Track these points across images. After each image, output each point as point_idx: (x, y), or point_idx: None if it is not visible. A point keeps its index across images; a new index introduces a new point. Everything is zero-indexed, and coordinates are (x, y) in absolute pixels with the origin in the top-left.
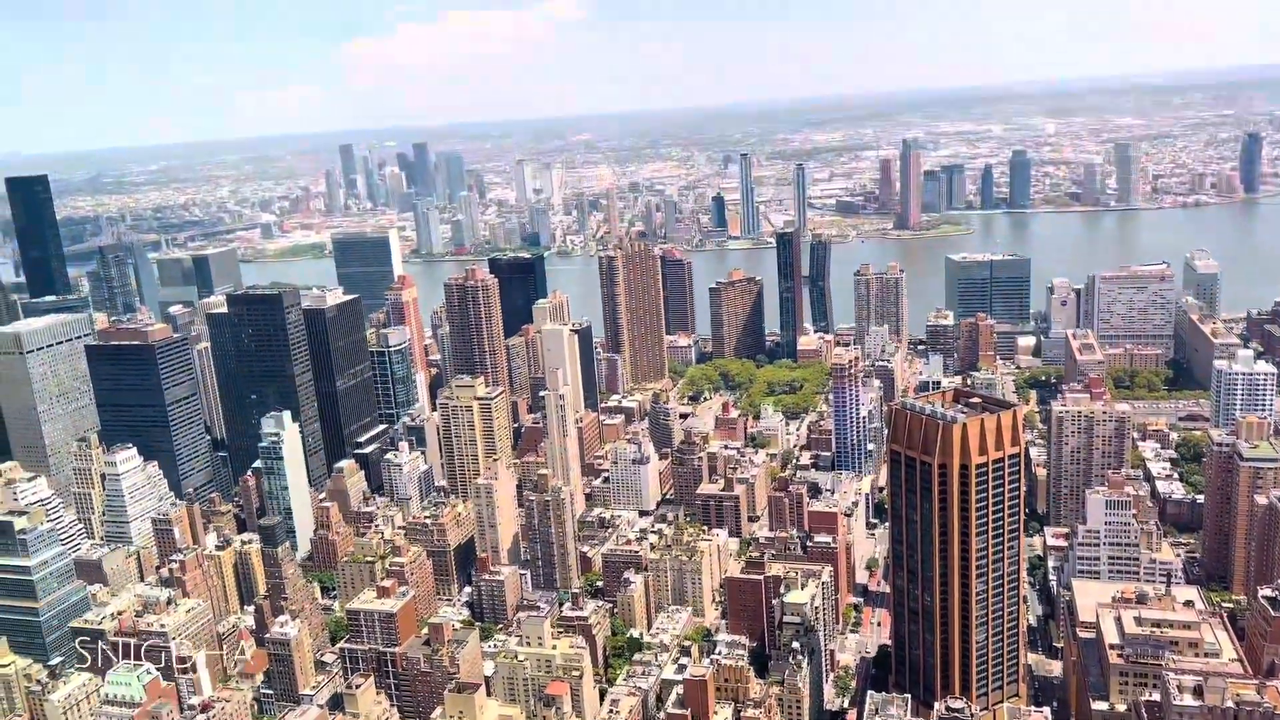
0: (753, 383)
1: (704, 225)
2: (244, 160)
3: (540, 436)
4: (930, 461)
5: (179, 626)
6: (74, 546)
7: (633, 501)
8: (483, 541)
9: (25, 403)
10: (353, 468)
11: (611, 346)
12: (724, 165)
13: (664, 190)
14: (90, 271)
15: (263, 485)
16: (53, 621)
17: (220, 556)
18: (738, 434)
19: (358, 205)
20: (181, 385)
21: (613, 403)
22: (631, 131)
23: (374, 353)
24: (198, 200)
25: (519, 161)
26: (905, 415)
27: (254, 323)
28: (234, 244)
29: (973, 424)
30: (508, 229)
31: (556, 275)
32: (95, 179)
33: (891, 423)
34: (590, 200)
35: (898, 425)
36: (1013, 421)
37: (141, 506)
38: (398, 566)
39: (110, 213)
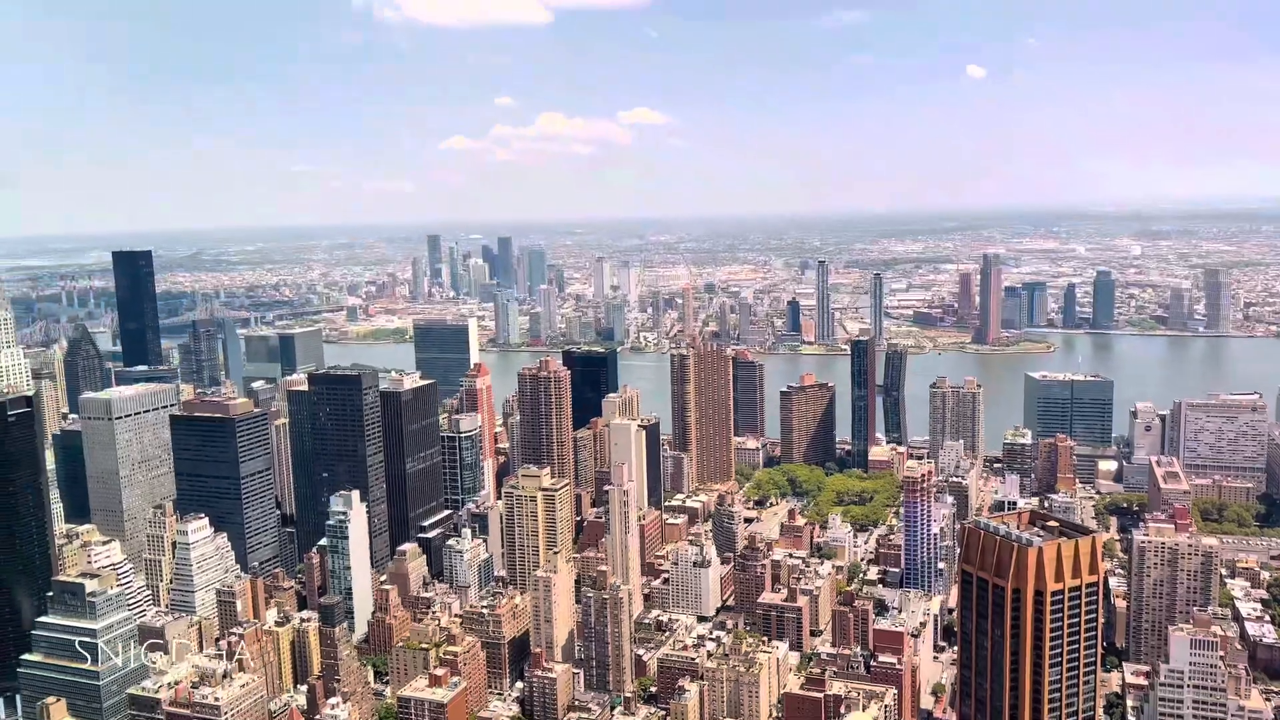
0: (821, 491)
1: (778, 329)
2: (336, 245)
3: (602, 532)
4: (1004, 585)
5: (232, 701)
6: (140, 612)
7: (692, 606)
8: (538, 636)
9: (108, 467)
10: (415, 551)
11: (679, 445)
12: (801, 271)
13: (740, 292)
14: (182, 344)
15: (326, 563)
16: (111, 687)
17: (279, 633)
18: (803, 543)
19: (441, 293)
20: (257, 459)
21: (677, 502)
22: (710, 234)
23: (445, 437)
24: (289, 281)
25: (598, 259)
26: (979, 535)
27: (332, 401)
28: (320, 325)
29: (1049, 548)
30: (583, 323)
31: (628, 370)
32: (195, 256)
33: (964, 542)
34: (666, 299)
35: (970, 545)
36: (1092, 548)
37: (208, 577)
38: (451, 656)
39: (206, 289)
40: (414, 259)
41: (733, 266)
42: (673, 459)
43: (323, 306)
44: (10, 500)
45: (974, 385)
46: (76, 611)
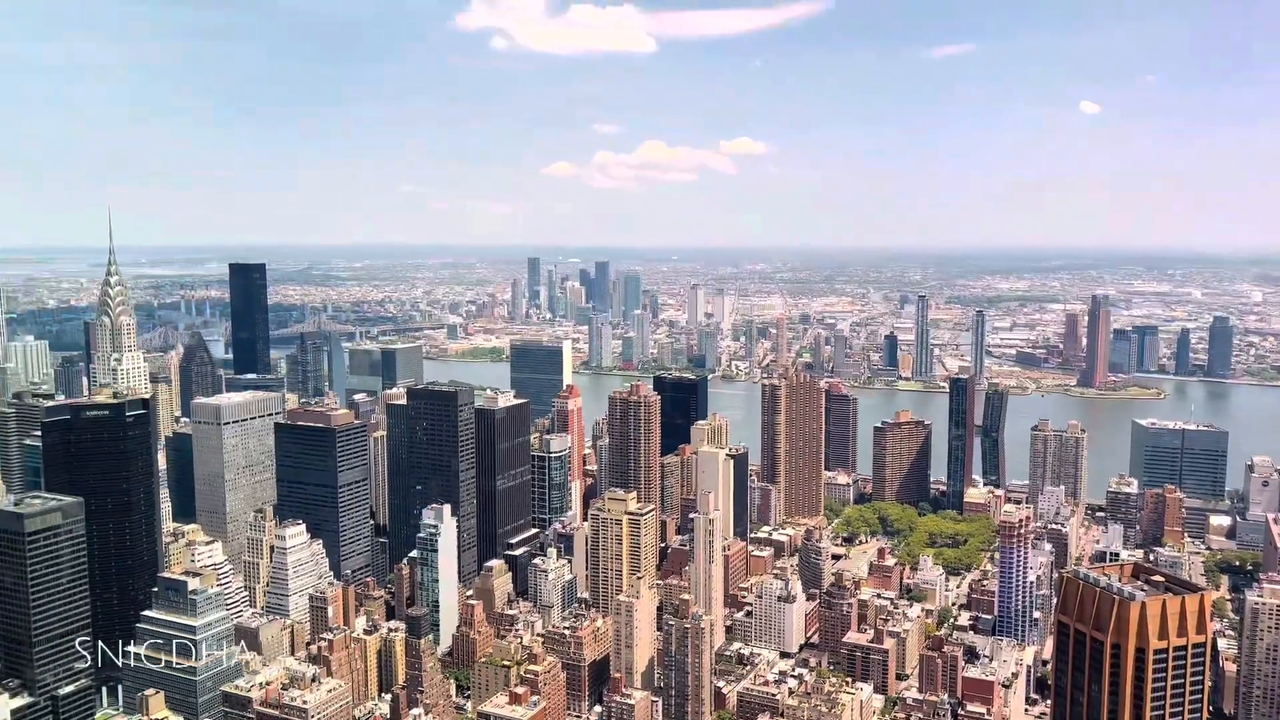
0: (913, 531)
1: (874, 363)
2: (440, 265)
3: (686, 560)
4: (1103, 640)
5: (319, 705)
6: (237, 612)
7: (774, 640)
8: (618, 661)
9: (215, 470)
10: (501, 568)
11: (767, 476)
12: (900, 305)
13: (836, 324)
14: (289, 355)
15: (415, 575)
16: (207, 683)
17: (366, 641)
18: (892, 583)
19: (538, 315)
20: (355, 469)
21: (763, 534)
22: (807, 264)
23: (535, 457)
24: (393, 297)
25: (694, 285)
26: (1078, 586)
27: (429, 416)
28: (420, 341)
29: (1153, 604)
30: (675, 349)
31: (718, 398)
32: (306, 270)
33: (1062, 592)
34: (760, 328)
35: (1069, 596)
36: (1200, 606)
37: (302, 582)
38: (532, 674)
39: (315, 303)
40: (513, 280)
41: (829, 298)
42: (760, 490)
43: (424, 324)
44: (124, 497)
45: (1078, 429)
46: (179, 608)
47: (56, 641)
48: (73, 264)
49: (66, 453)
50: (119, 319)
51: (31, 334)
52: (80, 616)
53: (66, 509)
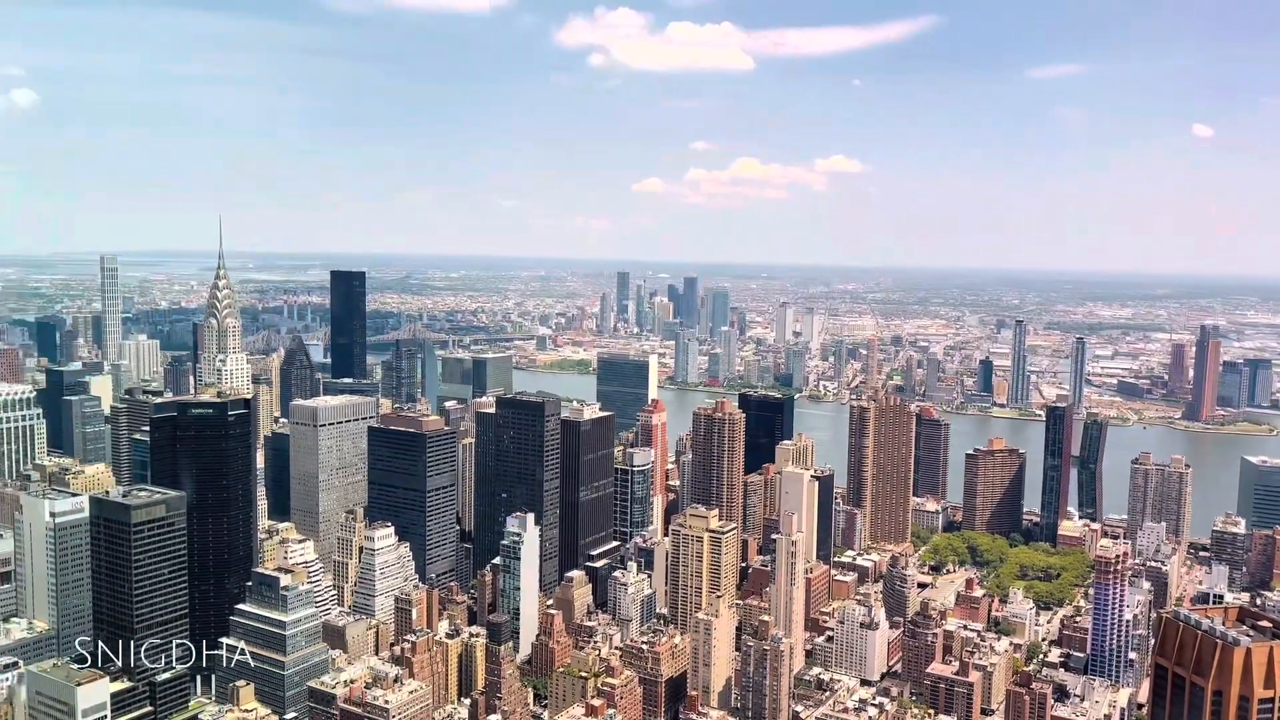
0: (1003, 562)
1: (967, 388)
2: (532, 278)
3: (766, 580)
4: (1204, 686)
5: (400, 706)
6: (325, 610)
7: (855, 667)
8: (695, 679)
9: (310, 471)
10: (581, 579)
11: (853, 499)
12: (996, 329)
13: (928, 347)
14: (385, 361)
15: (498, 582)
16: (295, 678)
17: (448, 645)
18: (980, 615)
19: (626, 329)
20: (443, 475)
21: (847, 558)
22: (901, 285)
23: (618, 470)
24: (486, 308)
25: (783, 304)
26: (1177, 627)
27: (516, 426)
28: (511, 351)
29: (1259, 650)
30: (762, 367)
31: (804, 418)
32: (404, 279)
33: (1160, 633)
34: (849, 348)
35: (1168, 637)
36: None
37: (388, 583)
38: (609, 688)
39: (411, 311)
40: (603, 294)
41: (923, 320)
42: (845, 514)
43: (515, 334)
44: (223, 493)
45: (1182, 464)
46: (271, 603)
47: (156, 630)
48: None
49: (172, 448)
50: (225, 321)
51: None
52: (179, 607)
53: (170, 502)
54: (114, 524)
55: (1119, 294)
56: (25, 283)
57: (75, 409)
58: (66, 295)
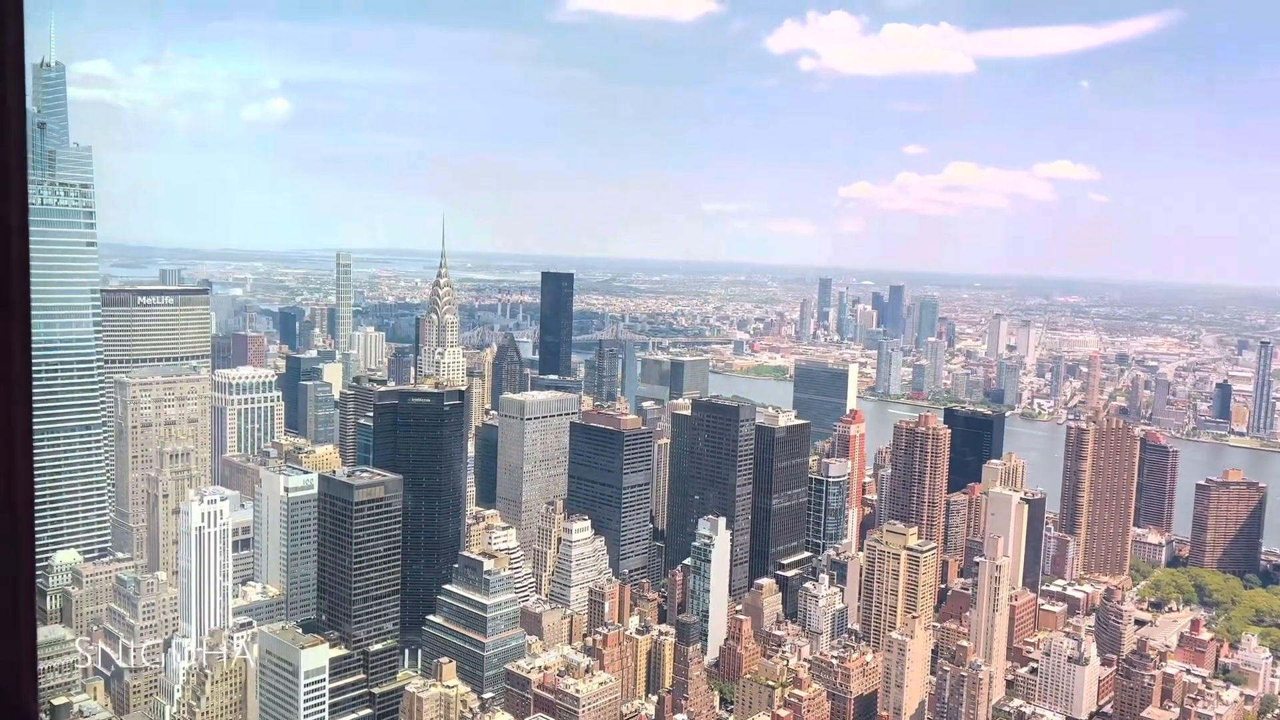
0: (1235, 604)
1: (1200, 413)
2: (733, 282)
3: (967, 605)
4: None
5: (590, 695)
6: (524, 596)
7: (1061, 704)
8: (886, 699)
9: (515, 462)
10: (772, 587)
11: (1065, 526)
12: (1237, 351)
13: (1157, 367)
14: (588, 360)
15: (688, 582)
16: (493, 659)
17: (638, 640)
18: (1206, 660)
19: (825, 336)
20: (639, 473)
21: (1056, 587)
22: (1129, 300)
23: (812, 479)
24: (686, 311)
25: (996, 315)
26: None
27: (710, 429)
28: (708, 355)
29: None
30: (971, 381)
31: (1015, 437)
32: (609, 281)
33: None
34: (1069, 365)
35: None
36: None
37: (583, 575)
38: (796, 699)
39: (614, 312)
40: (803, 300)
41: (1152, 338)
42: (1056, 540)
43: (713, 338)
44: (437, 479)
45: None
46: (475, 585)
47: (371, 603)
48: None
49: (392, 434)
50: (444, 317)
51: (372, 325)
52: (392, 583)
53: (389, 484)
54: (338, 501)
55: None
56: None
57: (310, 393)
58: (306, 288)
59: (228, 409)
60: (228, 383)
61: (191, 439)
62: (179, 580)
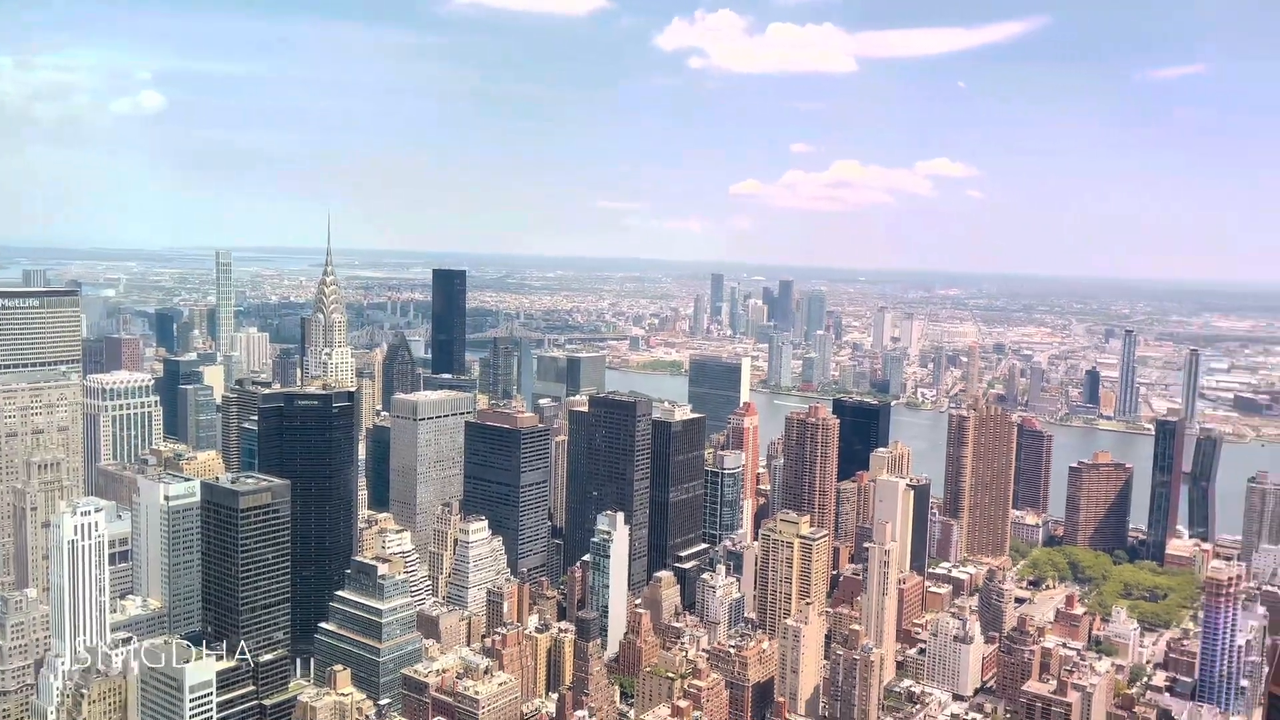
0: (1106, 580)
1: (1072, 399)
2: (627, 278)
3: (858, 589)
4: None
5: (490, 697)
6: (420, 600)
7: (947, 681)
8: (782, 685)
9: (409, 463)
10: (670, 580)
11: (949, 510)
12: (1105, 339)
13: (1032, 356)
14: (483, 358)
15: (587, 579)
16: (389, 664)
17: (538, 639)
18: (1080, 634)
19: (718, 331)
20: (536, 471)
21: (941, 570)
22: (1005, 292)
23: (708, 472)
24: (581, 308)
25: (881, 308)
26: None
27: (608, 425)
28: (604, 351)
29: None
30: (858, 372)
31: (901, 426)
32: (502, 279)
33: (1276, 661)
34: (949, 355)
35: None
36: None
37: (481, 575)
38: (695, 689)
39: (508, 309)
40: (697, 296)
41: (1027, 328)
42: (941, 524)
43: (609, 334)
44: (326, 482)
45: None
46: (368, 591)
47: (260, 613)
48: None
49: (279, 438)
50: (332, 316)
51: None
52: (282, 591)
53: (276, 490)
54: (223, 509)
55: (1239, 305)
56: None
57: (190, 397)
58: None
59: (101, 416)
60: (101, 388)
61: (62, 448)
62: (50, 597)
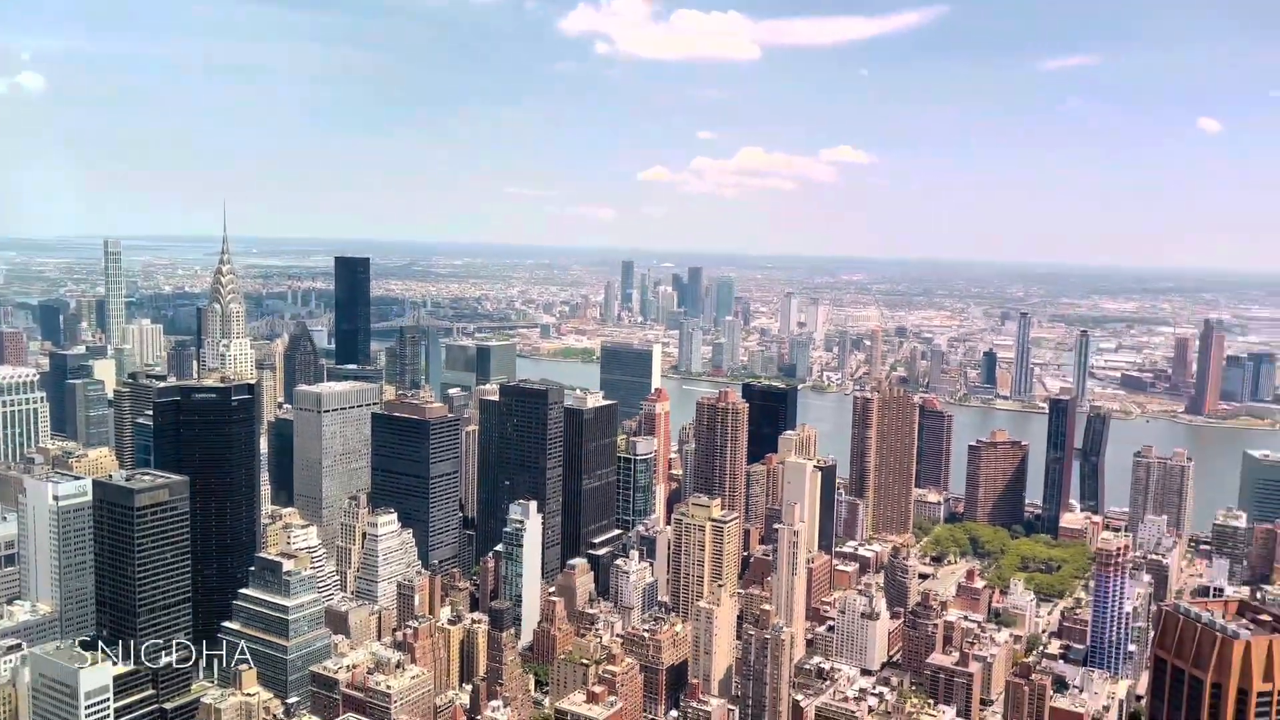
0: (1004, 553)
1: (971, 380)
2: (537, 265)
3: (768, 570)
4: (1202, 679)
5: (402, 691)
6: (328, 595)
7: (856, 657)
8: (696, 667)
9: (313, 457)
10: (584, 567)
11: (855, 490)
12: (1001, 321)
13: (932, 339)
14: (389, 348)
15: (500, 569)
16: (297, 662)
17: (450, 631)
18: (980, 606)
19: (630, 318)
20: (446, 462)
21: (848, 548)
22: (906, 277)
23: (621, 459)
24: (491, 296)
25: (787, 294)
26: (1177, 620)
27: (519, 413)
28: (515, 339)
29: (1259, 643)
30: (766, 357)
31: (808, 409)
32: (408, 266)
33: (1160, 626)
34: (853, 339)
35: (1167, 630)
36: None
37: (391, 569)
38: (610, 675)
39: (415, 298)
40: (607, 283)
41: (927, 311)
42: (847, 504)
43: (519, 322)
44: (227, 478)
45: (1184, 458)
46: (273, 588)
47: (159, 614)
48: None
49: (175, 433)
50: (229, 306)
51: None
52: (182, 591)
53: (173, 487)
54: (117, 508)
55: (1124, 288)
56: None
57: (78, 393)
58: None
59: None
60: None
61: None
62: None
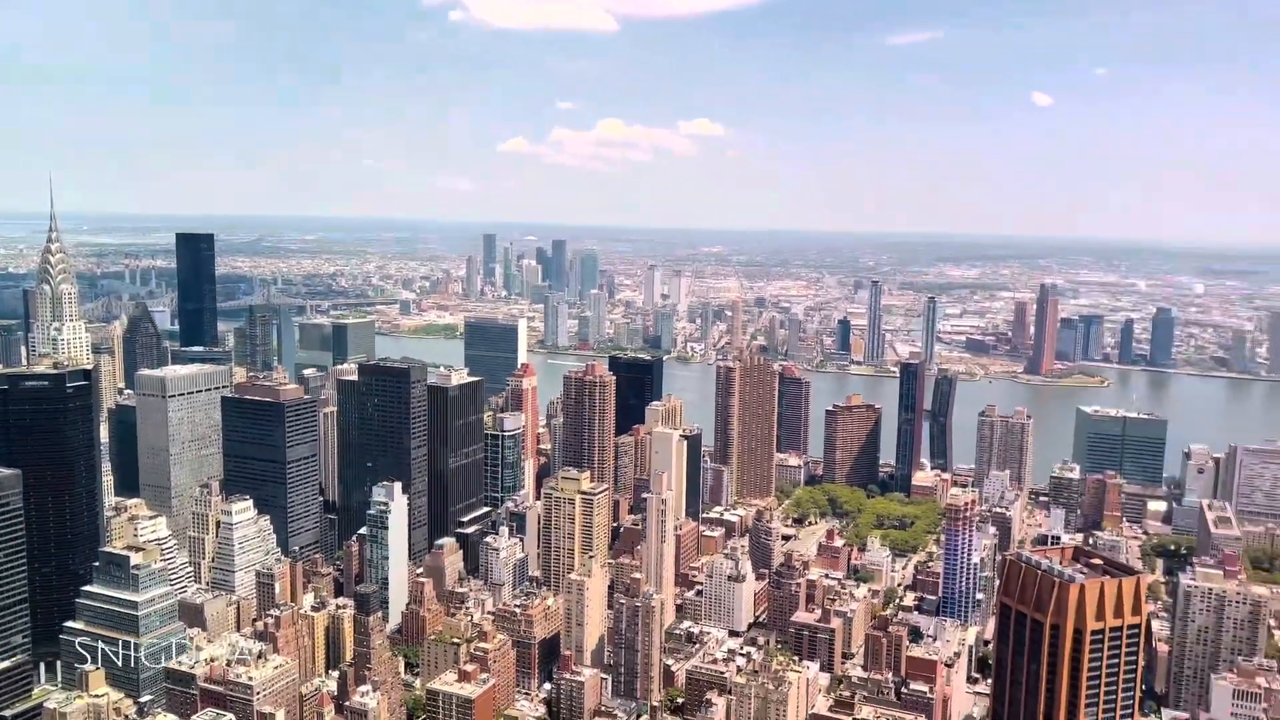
0: (861, 513)
1: (827, 347)
2: (394, 239)
3: (638, 539)
4: (1042, 621)
5: (265, 682)
6: (181, 588)
7: (724, 619)
8: (568, 639)
9: (159, 444)
10: (452, 546)
11: (720, 457)
12: (854, 290)
13: (790, 308)
14: (238, 328)
15: (365, 552)
16: (149, 659)
17: (314, 618)
18: (840, 564)
19: (493, 292)
20: (304, 445)
21: (715, 514)
22: (763, 248)
23: (489, 435)
24: (346, 272)
25: (650, 266)
26: (1019, 568)
27: (380, 393)
28: (373, 317)
29: (1092, 586)
30: (631, 330)
31: (673, 379)
32: (256, 242)
33: (1004, 574)
34: (715, 310)
35: (1010, 577)
36: (1135, 589)
37: (249, 558)
38: (482, 652)
39: (265, 275)
40: (469, 257)
41: (785, 281)
42: (713, 471)
43: (377, 299)
44: (64, 470)
45: (1024, 416)
46: (120, 583)
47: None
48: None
49: (4, 424)
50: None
51: None
52: (17, 591)
53: (4, 481)
54: None
55: (967, 255)
56: None
57: None
58: None
59: None
60: None
61: None
62: None
